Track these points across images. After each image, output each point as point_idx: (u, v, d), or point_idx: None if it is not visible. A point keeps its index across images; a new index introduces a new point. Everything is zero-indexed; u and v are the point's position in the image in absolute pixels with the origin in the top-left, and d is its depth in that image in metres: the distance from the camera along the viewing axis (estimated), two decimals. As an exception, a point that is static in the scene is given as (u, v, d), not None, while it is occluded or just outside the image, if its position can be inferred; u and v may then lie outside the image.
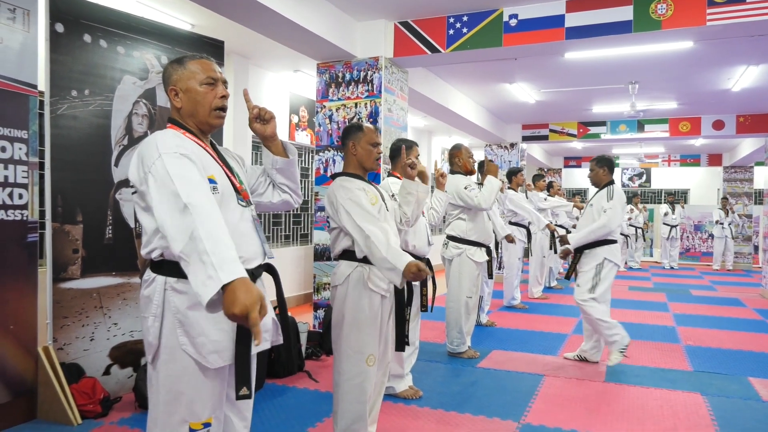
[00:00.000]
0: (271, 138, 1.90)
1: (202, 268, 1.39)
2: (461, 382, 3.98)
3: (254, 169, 2.00)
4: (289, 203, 2.05)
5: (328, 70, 4.89)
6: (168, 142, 1.60)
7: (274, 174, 1.98)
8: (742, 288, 9.24)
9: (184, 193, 1.47)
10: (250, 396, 1.67)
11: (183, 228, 1.44)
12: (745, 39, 5.02)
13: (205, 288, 1.38)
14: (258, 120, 1.86)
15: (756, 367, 4.43)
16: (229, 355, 1.65)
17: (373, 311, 2.51)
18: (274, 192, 2.01)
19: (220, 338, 1.64)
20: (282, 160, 1.94)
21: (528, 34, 4.29)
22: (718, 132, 8.85)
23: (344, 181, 2.58)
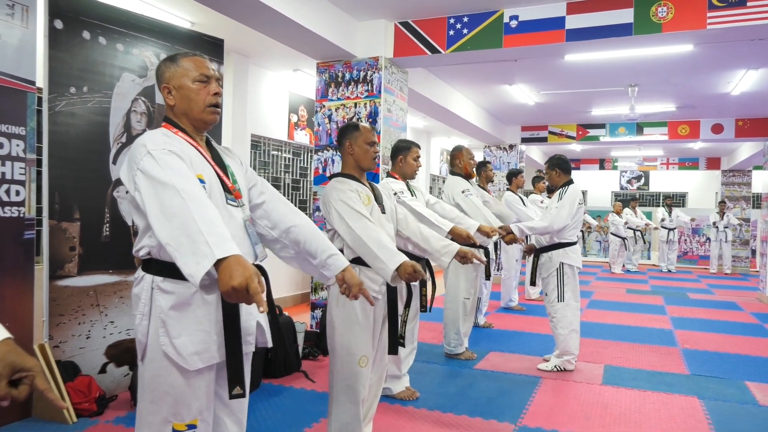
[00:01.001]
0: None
1: (193, 247, 1.37)
2: (458, 383, 3.97)
3: (253, 176, 1.95)
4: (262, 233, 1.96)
5: (327, 69, 4.88)
6: (156, 140, 1.59)
7: (290, 250, 1.98)
8: (739, 292, 9.25)
9: (173, 181, 1.46)
10: (244, 395, 1.67)
11: (173, 213, 1.42)
12: (745, 43, 5.02)
13: (197, 266, 1.35)
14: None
15: (753, 371, 4.43)
16: (209, 357, 1.64)
17: (364, 313, 2.50)
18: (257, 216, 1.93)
19: (201, 339, 1.63)
20: (328, 277, 1.96)
21: (528, 35, 4.28)
22: (717, 136, 8.85)
23: (338, 182, 2.58)
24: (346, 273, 1.94)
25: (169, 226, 1.42)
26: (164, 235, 1.42)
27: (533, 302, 7.37)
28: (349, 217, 2.42)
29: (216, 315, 1.67)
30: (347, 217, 2.42)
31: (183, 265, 1.38)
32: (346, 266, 1.94)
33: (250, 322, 1.78)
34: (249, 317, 1.78)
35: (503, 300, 6.91)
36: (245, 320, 1.76)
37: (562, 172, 4.35)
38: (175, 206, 1.43)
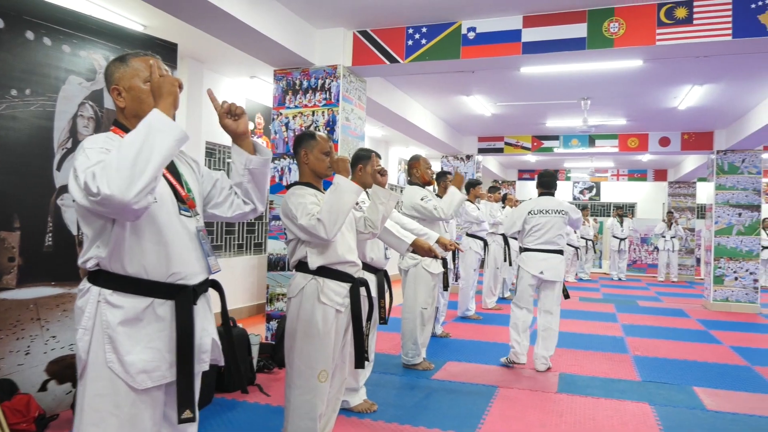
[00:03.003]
0: (244, 135, 1.79)
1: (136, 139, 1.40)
2: (416, 394, 3.94)
3: (210, 175, 1.88)
4: (247, 214, 1.92)
5: (285, 77, 4.81)
6: (96, 140, 1.52)
7: (244, 177, 1.83)
8: (685, 299, 9.58)
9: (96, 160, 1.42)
10: (194, 419, 1.59)
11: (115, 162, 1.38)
12: (691, 60, 5.22)
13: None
14: (229, 116, 1.76)
15: (700, 376, 4.57)
16: (160, 376, 1.57)
17: (326, 325, 2.44)
18: (233, 203, 1.87)
19: (150, 357, 1.55)
20: (257, 158, 1.81)
21: (485, 47, 4.33)
22: (665, 148, 9.18)
23: (297, 189, 2.53)
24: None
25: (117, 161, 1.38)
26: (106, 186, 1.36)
27: (490, 311, 7.44)
28: (303, 215, 2.39)
29: (168, 332, 1.59)
30: (301, 216, 2.38)
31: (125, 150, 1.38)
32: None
33: (204, 339, 1.71)
34: (204, 334, 1.71)
35: (460, 309, 6.94)
36: (200, 337, 1.69)
37: (537, 186, 4.85)
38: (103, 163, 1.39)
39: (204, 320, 1.71)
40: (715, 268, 8.43)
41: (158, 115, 1.45)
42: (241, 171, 1.82)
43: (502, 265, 7.58)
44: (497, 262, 7.49)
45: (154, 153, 1.39)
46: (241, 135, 1.79)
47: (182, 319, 1.59)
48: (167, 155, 1.43)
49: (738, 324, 7.22)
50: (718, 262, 8.42)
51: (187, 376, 1.58)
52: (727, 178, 8.47)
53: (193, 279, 1.65)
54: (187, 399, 1.58)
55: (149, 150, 1.39)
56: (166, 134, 1.44)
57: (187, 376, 1.58)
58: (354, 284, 2.52)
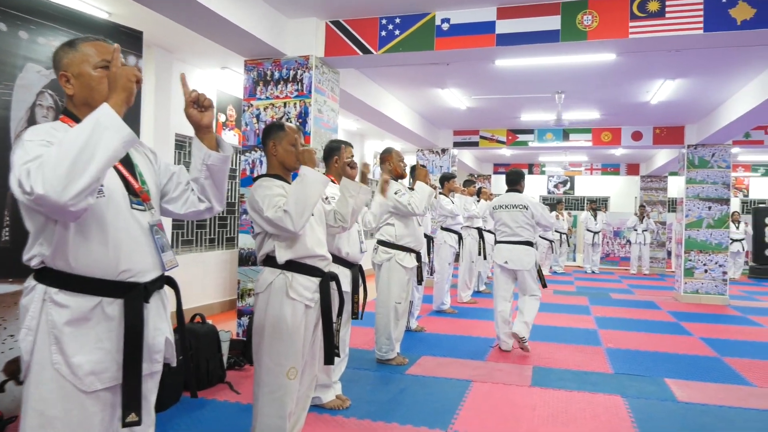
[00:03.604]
0: (207, 128, 1.71)
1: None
2: (389, 390, 3.90)
3: (167, 168, 1.79)
4: (201, 213, 1.82)
5: (256, 67, 4.70)
6: (38, 131, 1.42)
7: (202, 173, 1.74)
8: (657, 291, 9.72)
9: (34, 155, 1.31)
10: (138, 422, 1.52)
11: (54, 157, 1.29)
12: (663, 54, 5.25)
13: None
14: (195, 106, 1.67)
15: (671, 368, 4.61)
16: (109, 377, 1.49)
17: (295, 321, 2.38)
18: (188, 200, 1.78)
19: (99, 358, 1.48)
20: (216, 154, 1.73)
21: (460, 38, 4.29)
22: (637, 143, 9.28)
23: (264, 181, 2.45)
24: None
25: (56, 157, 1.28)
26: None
27: (465, 305, 7.44)
28: (269, 207, 2.31)
29: (118, 331, 1.52)
30: (271, 210, 2.30)
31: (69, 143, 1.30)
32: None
33: (157, 339, 1.63)
34: (157, 333, 1.63)
35: (435, 303, 6.92)
36: (152, 336, 1.61)
37: (506, 184, 5.21)
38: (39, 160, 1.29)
39: (157, 319, 1.63)
40: (686, 261, 8.56)
41: (107, 112, 1.37)
42: (199, 166, 1.74)
43: (477, 259, 7.58)
44: (472, 256, 7.48)
45: (97, 152, 1.30)
46: (205, 128, 1.71)
47: (131, 318, 1.51)
48: (112, 156, 1.35)
49: (708, 315, 7.34)
50: (688, 254, 8.55)
51: (133, 378, 1.50)
52: (698, 172, 8.60)
53: (145, 276, 1.58)
54: (133, 401, 1.50)
55: (92, 148, 1.30)
56: (113, 133, 1.35)
57: (133, 378, 1.50)
58: (324, 278, 2.46)
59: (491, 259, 9.24)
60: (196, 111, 1.67)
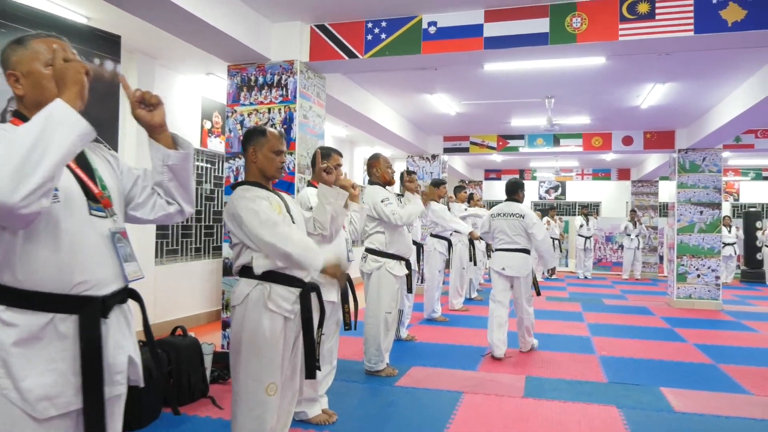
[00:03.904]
0: (160, 128, 1.60)
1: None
2: (378, 403, 3.78)
3: (131, 172, 1.68)
4: (172, 216, 1.71)
5: (239, 72, 4.60)
6: None
7: (164, 175, 1.63)
8: (649, 297, 9.66)
9: None
10: None
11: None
12: (654, 57, 5.20)
13: None
14: (142, 106, 1.56)
15: (666, 376, 4.52)
16: (65, 403, 1.37)
17: (274, 335, 2.26)
18: (156, 204, 1.67)
19: (53, 381, 1.35)
20: (176, 153, 1.61)
21: (447, 42, 4.20)
22: (627, 147, 9.23)
23: (244, 191, 2.34)
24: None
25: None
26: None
27: (457, 312, 7.33)
28: (261, 226, 2.18)
29: (73, 351, 1.39)
30: (260, 227, 2.18)
31: None
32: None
33: (119, 358, 1.51)
34: (118, 351, 1.51)
35: (426, 311, 6.81)
36: (113, 355, 1.49)
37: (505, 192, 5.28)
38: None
39: (119, 336, 1.51)
40: (678, 266, 8.50)
41: (60, 106, 1.26)
42: (159, 168, 1.62)
43: (468, 266, 7.48)
44: (463, 263, 7.38)
45: (50, 149, 1.20)
46: (157, 127, 1.59)
47: (87, 335, 1.39)
48: (67, 153, 1.24)
49: (701, 321, 7.27)
50: (681, 259, 8.49)
51: (94, 401, 1.38)
52: (689, 177, 8.56)
53: (104, 289, 1.46)
54: (96, 428, 1.38)
55: (44, 146, 1.20)
56: (67, 128, 1.25)
57: (94, 401, 1.38)
58: (304, 289, 2.35)
59: (482, 265, 9.24)
60: (145, 111, 1.57)
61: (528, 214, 5.00)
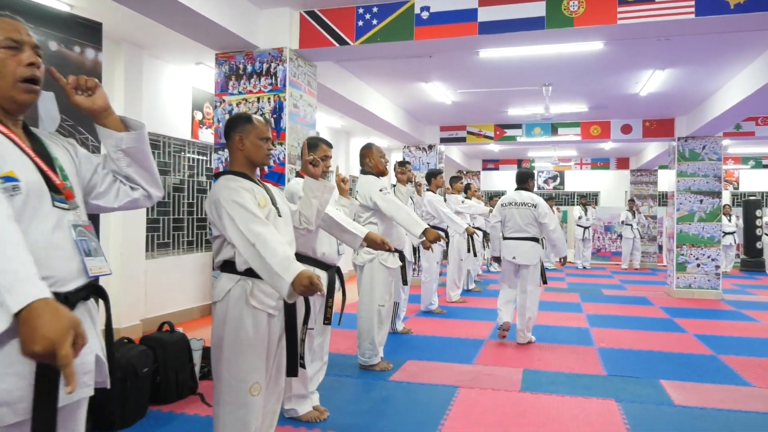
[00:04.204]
0: (104, 111, 1.50)
1: None
2: (372, 398, 3.70)
3: (89, 160, 1.57)
4: (139, 202, 1.62)
5: (227, 61, 4.47)
6: None
7: (120, 160, 1.53)
8: (649, 287, 9.57)
9: None
10: None
11: None
12: (653, 42, 5.08)
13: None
14: (79, 92, 1.46)
15: (666, 368, 4.43)
16: (25, 408, 1.26)
17: (258, 333, 2.16)
18: (119, 191, 1.58)
19: (12, 385, 1.24)
20: (128, 135, 1.52)
21: (440, 27, 4.08)
22: (626, 136, 9.11)
23: (229, 180, 2.22)
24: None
25: None
26: None
27: (454, 305, 7.24)
28: (242, 220, 2.06)
29: None
30: (240, 221, 2.06)
31: None
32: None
33: (86, 358, 1.41)
34: (85, 350, 1.40)
35: (423, 303, 6.72)
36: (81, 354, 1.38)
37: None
38: None
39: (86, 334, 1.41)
40: (678, 255, 8.41)
41: (23, 304, 1.10)
42: (114, 155, 1.52)
43: (466, 257, 7.38)
44: (461, 254, 7.29)
45: None
46: (100, 112, 1.49)
47: None
48: None
49: (701, 311, 7.19)
50: (680, 249, 8.40)
51: (45, 407, 1.27)
52: (688, 165, 8.45)
53: (67, 285, 1.35)
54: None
55: None
56: None
57: (45, 407, 1.27)
58: (289, 284, 2.23)
59: (481, 256, 9.14)
60: (83, 97, 1.47)
61: (540, 204, 5.07)
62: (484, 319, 6.33)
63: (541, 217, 5.00)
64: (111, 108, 1.53)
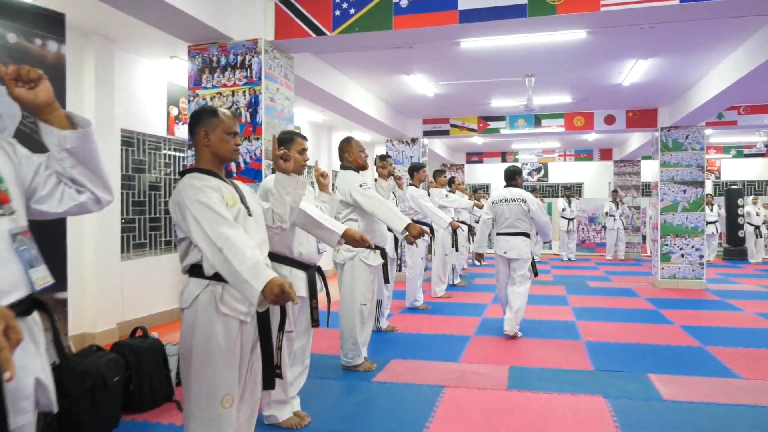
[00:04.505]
0: (47, 106, 1.36)
1: None
2: (355, 400, 3.58)
3: (30, 160, 1.43)
4: (86, 206, 1.47)
5: (200, 53, 4.31)
6: None
7: (64, 161, 1.40)
8: (633, 277, 9.57)
9: None
10: None
11: None
12: (636, 31, 4.99)
13: None
14: (20, 83, 1.32)
15: (654, 361, 4.38)
16: None
17: (229, 341, 2.03)
18: (63, 194, 1.44)
19: None
20: (73, 134, 1.38)
21: (420, 16, 3.95)
22: (610, 127, 9.07)
23: (193, 178, 2.09)
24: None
25: None
26: None
27: (440, 300, 7.15)
28: (209, 222, 1.93)
29: None
30: (206, 223, 1.92)
31: None
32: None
33: (24, 381, 1.27)
34: (23, 373, 1.27)
35: (408, 300, 6.61)
36: (16, 378, 1.25)
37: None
38: None
39: (23, 354, 1.27)
40: (662, 246, 8.40)
41: None
42: (58, 155, 1.38)
43: (450, 251, 7.29)
44: (445, 249, 7.19)
45: None
46: (44, 107, 1.35)
47: None
48: None
49: (686, 301, 7.17)
50: (664, 239, 8.39)
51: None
52: (672, 155, 8.43)
53: (3, 299, 1.22)
54: None
55: None
56: None
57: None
58: (262, 288, 2.10)
59: (465, 250, 9.07)
60: (24, 89, 1.33)
61: (529, 198, 5.20)
62: (470, 314, 6.25)
63: (532, 213, 5.14)
64: (56, 103, 1.38)
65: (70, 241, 3.63)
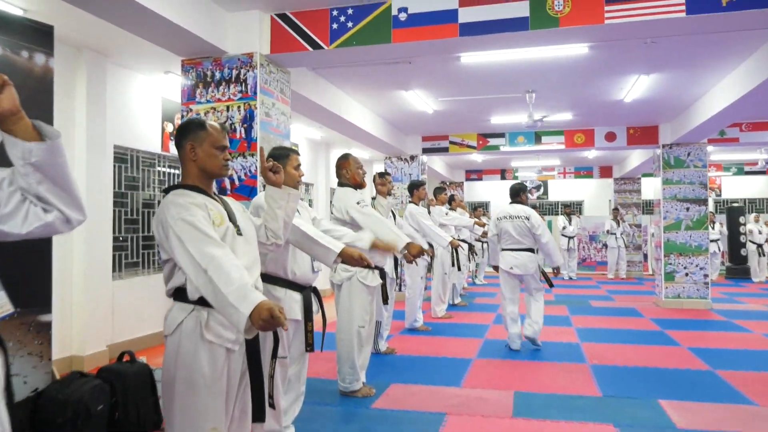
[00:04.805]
0: (12, 115, 1.23)
1: None
2: (352, 429, 3.41)
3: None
4: (53, 227, 1.33)
5: (194, 67, 4.20)
6: None
7: (29, 176, 1.26)
8: (637, 297, 9.40)
9: None
10: None
11: None
12: (638, 46, 4.91)
13: None
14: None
15: (663, 386, 4.20)
16: None
17: (215, 371, 1.87)
18: (28, 213, 1.29)
19: None
20: (39, 147, 1.25)
21: (419, 29, 3.85)
22: (611, 144, 8.98)
23: (177, 195, 1.95)
24: None
25: None
26: None
27: (440, 320, 6.98)
28: (193, 241, 1.79)
29: None
30: (190, 243, 1.78)
31: None
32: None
33: None
34: None
35: (408, 321, 6.43)
36: None
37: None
38: None
39: None
40: (666, 265, 8.25)
41: None
42: (23, 169, 1.24)
43: (450, 270, 7.13)
44: (445, 268, 7.03)
45: None
46: (7, 116, 1.22)
47: None
48: None
49: (692, 322, 7.00)
50: (668, 258, 8.24)
51: None
52: (674, 173, 8.32)
53: None
54: None
55: None
56: None
57: None
58: (251, 313, 1.95)
59: (465, 269, 8.91)
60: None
61: (533, 215, 5.28)
62: (472, 335, 6.08)
63: (534, 229, 5.21)
64: (21, 112, 1.25)
65: (57, 259, 3.49)
